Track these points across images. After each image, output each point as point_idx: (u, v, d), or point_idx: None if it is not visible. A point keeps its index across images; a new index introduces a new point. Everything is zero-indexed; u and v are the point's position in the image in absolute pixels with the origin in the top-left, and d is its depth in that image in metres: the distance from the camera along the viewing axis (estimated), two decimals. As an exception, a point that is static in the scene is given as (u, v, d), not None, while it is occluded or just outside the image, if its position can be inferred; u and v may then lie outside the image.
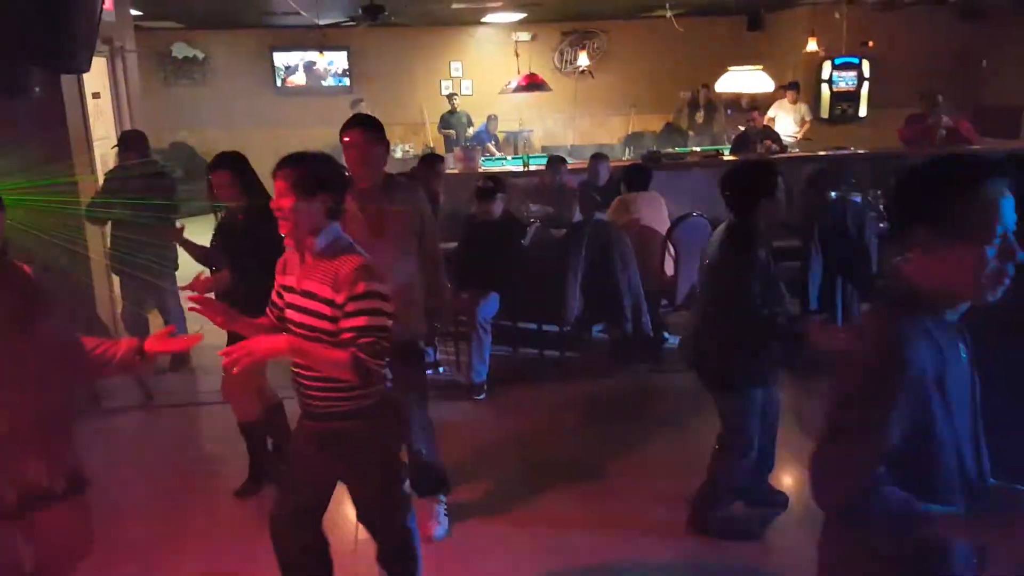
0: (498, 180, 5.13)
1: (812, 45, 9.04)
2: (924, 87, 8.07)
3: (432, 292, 3.37)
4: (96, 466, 2.39)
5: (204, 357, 5.75)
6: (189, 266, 4.18)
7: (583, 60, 10.15)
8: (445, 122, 11.35)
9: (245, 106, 12.15)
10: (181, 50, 12.24)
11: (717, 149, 8.80)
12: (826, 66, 11.43)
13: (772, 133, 8.48)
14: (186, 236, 4.13)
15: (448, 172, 8.77)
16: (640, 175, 5.63)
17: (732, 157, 7.88)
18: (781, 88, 10.01)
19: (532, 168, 7.67)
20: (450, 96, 11.51)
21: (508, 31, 12.52)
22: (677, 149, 9.32)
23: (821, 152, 8.48)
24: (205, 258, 3.91)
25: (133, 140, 5.44)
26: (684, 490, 3.46)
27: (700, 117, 11.56)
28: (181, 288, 3.22)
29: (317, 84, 12.50)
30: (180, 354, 5.40)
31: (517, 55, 11.63)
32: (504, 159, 9.70)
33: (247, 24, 11.99)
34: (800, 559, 2.10)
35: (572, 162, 7.36)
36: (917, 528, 1.45)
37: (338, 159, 2.52)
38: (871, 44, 11.19)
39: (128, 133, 5.69)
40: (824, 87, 11.57)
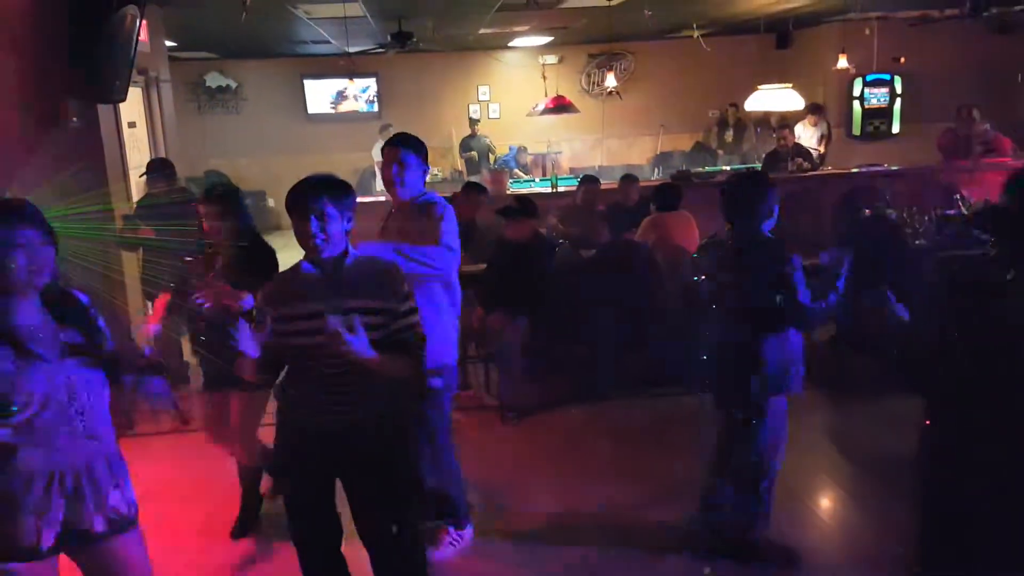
0: (527, 201, 5.12)
1: (843, 62, 8.95)
2: (958, 102, 7.94)
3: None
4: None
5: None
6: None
7: (611, 81, 10.15)
8: (466, 146, 11.42)
9: (276, 133, 12.36)
10: (215, 80, 12.51)
11: (748, 167, 8.72)
12: (857, 83, 11.33)
13: (804, 151, 8.38)
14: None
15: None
16: (670, 194, 5.57)
17: (763, 175, 7.78)
18: (806, 109, 9.92)
19: (561, 189, 7.65)
20: (471, 121, 11.58)
21: (535, 54, 12.61)
22: (707, 168, 9.25)
23: (854, 169, 8.36)
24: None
25: (160, 167, 5.53)
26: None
27: (729, 136, 11.50)
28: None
29: (346, 111, 12.67)
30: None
31: (544, 78, 11.68)
32: (532, 181, 9.71)
33: (278, 53, 12.22)
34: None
35: (601, 182, 7.33)
36: None
37: (366, 181, 2.58)
38: (902, 60, 11.06)
39: (154, 161, 5.79)
40: (855, 104, 11.46)
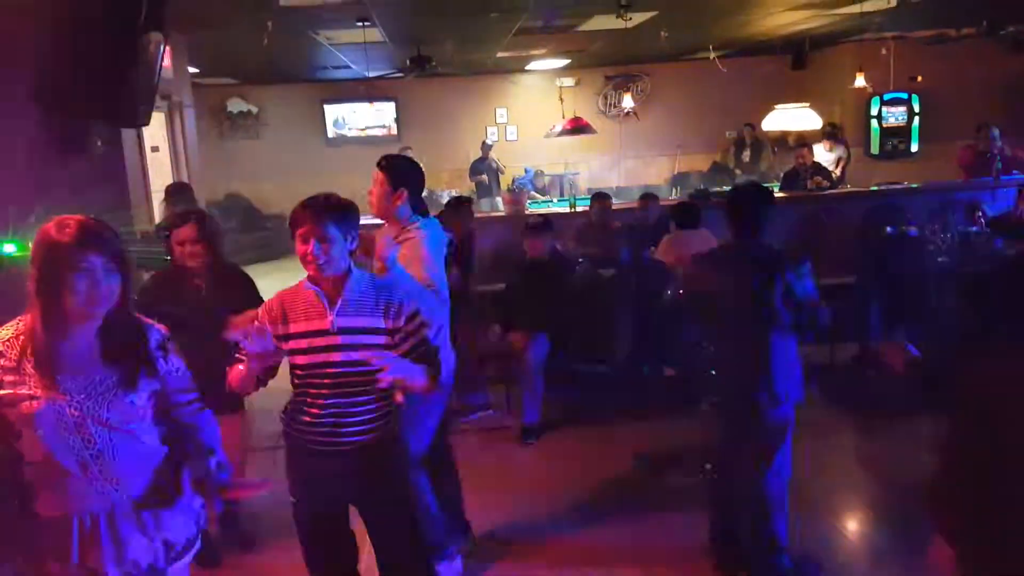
0: (547, 219, 5.13)
1: (860, 81, 8.94)
2: (976, 121, 7.90)
3: None
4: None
5: (258, 401, 5.82)
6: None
7: (628, 102, 10.21)
8: (475, 169, 11.49)
9: (296, 157, 12.50)
10: (236, 105, 12.70)
11: (768, 187, 8.69)
12: (874, 102, 11.31)
13: (823, 169, 8.35)
14: None
15: (495, 215, 8.89)
16: (690, 213, 5.56)
17: (783, 194, 7.77)
18: (822, 132, 9.91)
19: (579, 209, 7.67)
20: (483, 145, 11.66)
21: (552, 77, 12.71)
22: (725, 188, 9.23)
23: (873, 187, 8.32)
24: None
25: (179, 191, 5.62)
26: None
27: (747, 156, 11.49)
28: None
29: (367, 134, 12.82)
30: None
31: (561, 100, 11.76)
32: (550, 201, 9.74)
33: (299, 79, 12.40)
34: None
35: (618, 202, 7.34)
36: None
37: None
38: (919, 79, 11.04)
39: (173, 185, 5.89)
40: (873, 123, 11.43)
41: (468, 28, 8.03)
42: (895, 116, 11.37)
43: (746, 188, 3.41)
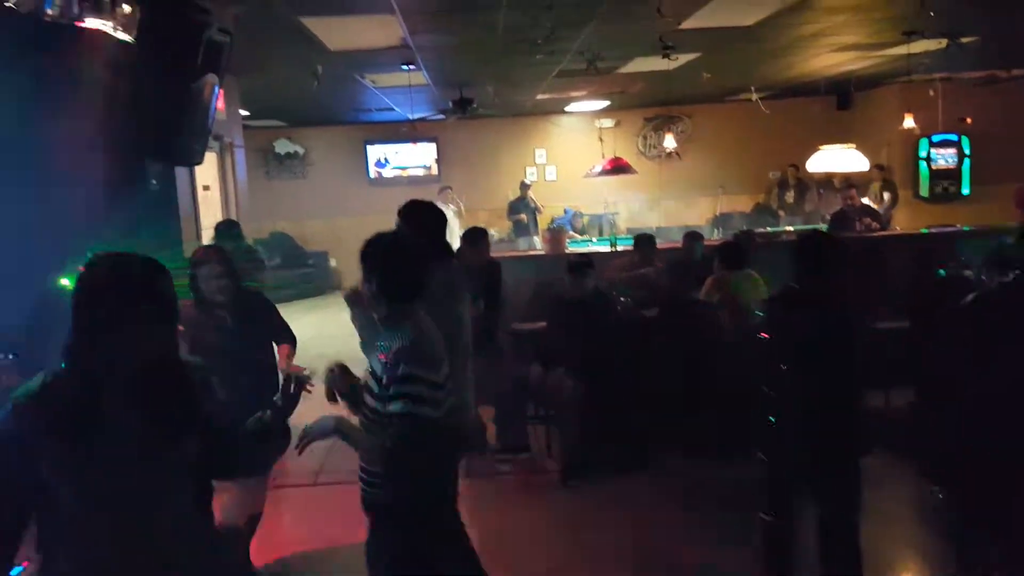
0: (589, 258, 5.10)
1: (909, 122, 8.80)
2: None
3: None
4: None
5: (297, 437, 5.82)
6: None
7: (670, 142, 10.20)
8: (514, 208, 11.56)
9: (339, 197, 12.73)
10: (283, 146, 13.02)
11: (813, 228, 8.57)
12: (923, 143, 11.13)
13: (872, 211, 8.21)
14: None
15: (534, 253, 8.90)
16: (736, 253, 5.48)
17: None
18: (875, 167, 9.77)
19: (620, 248, 7.64)
20: (522, 185, 11.73)
21: (591, 118, 12.80)
22: (769, 229, 9.13)
23: (923, 230, 8.13)
24: None
25: (227, 228, 5.78)
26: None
27: (790, 197, 11.37)
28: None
29: (408, 174, 13.00)
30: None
31: (601, 140, 11.82)
32: (590, 240, 9.72)
33: (343, 120, 12.70)
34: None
35: (659, 242, 7.28)
36: None
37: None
38: (969, 120, 10.85)
39: (222, 223, 6.05)
40: (922, 165, 11.24)
41: (511, 71, 8.14)
42: (944, 158, 11.17)
43: (817, 233, 3.45)
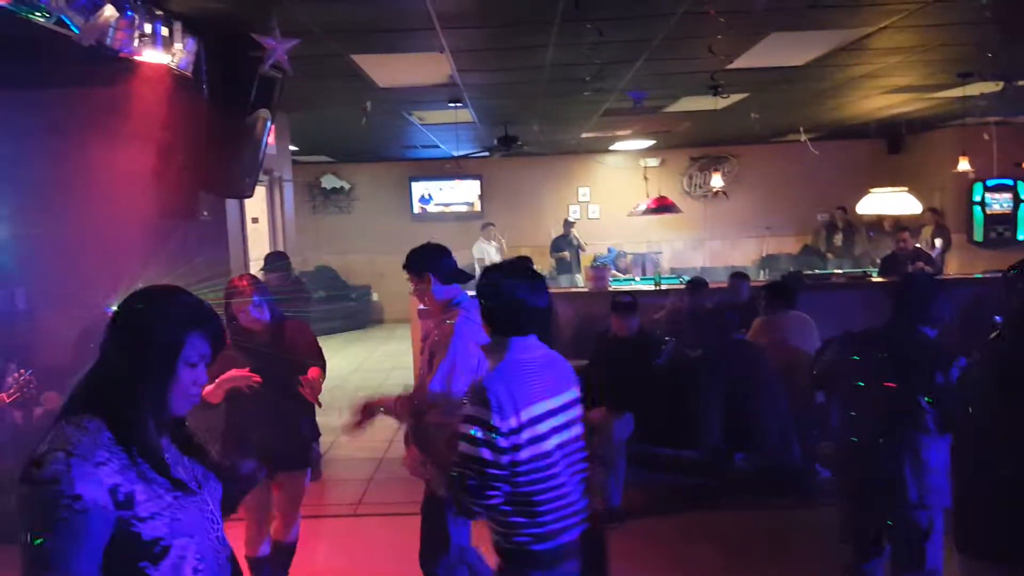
0: (634, 297, 5.03)
1: (964, 165, 8.60)
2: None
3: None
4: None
5: (333, 468, 5.81)
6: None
7: (717, 181, 10.12)
8: (556, 246, 11.55)
9: (383, 232, 12.88)
10: (330, 181, 13.27)
11: (864, 271, 8.38)
12: (977, 188, 10.87)
13: (924, 255, 8.01)
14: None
15: (577, 290, 8.84)
16: (785, 294, 5.36)
17: (881, 279, 7.45)
18: (929, 211, 9.56)
19: (664, 287, 7.54)
20: (565, 223, 11.73)
21: (636, 157, 12.79)
22: (816, 271, 8.96)
23: (977, 275, 7.88)
24: None
25: (276, 260, 5.88)
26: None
27: (839, 240, 11.18)
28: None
29: (451, 210, 13.13)
30: (316, 467, 5.52)
31: (646, 179, 11.79)
32: (633, 279, 9.64)
33: (388, 157, 12.90)
34: None
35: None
36: None
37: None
38: (1024, 165, 10.59)
39: (272, 254, 6.15)
40: (976, 209, 10.97)
41: (557, 109, 8.19)
42: (1000, 203, 10.89)
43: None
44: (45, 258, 5.14)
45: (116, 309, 1.60)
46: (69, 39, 3.28)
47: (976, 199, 10.93)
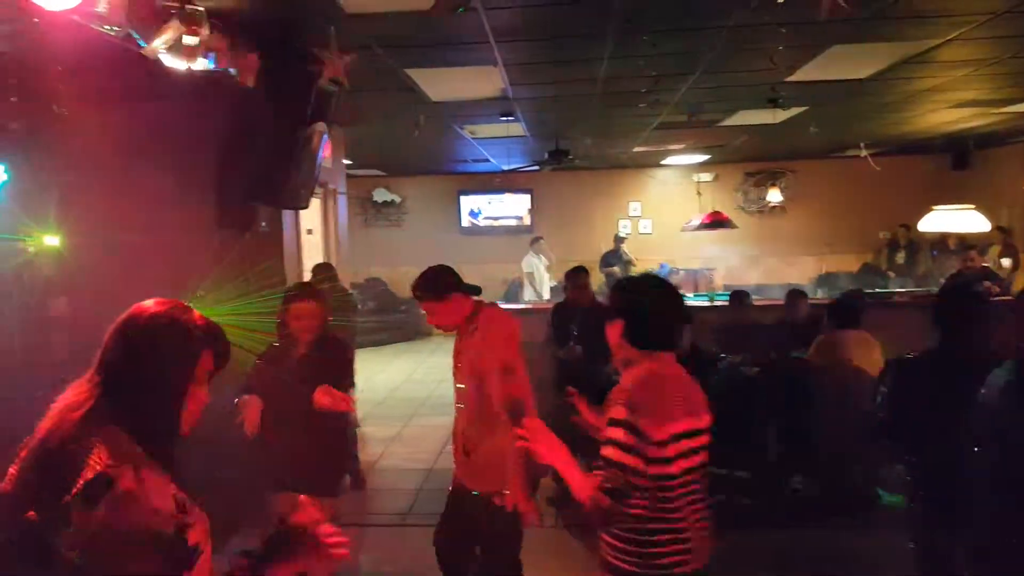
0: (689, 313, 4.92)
1: (1033, 181, 8.28)
2: None
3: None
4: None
5: (381, 478, 5.81)
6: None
7: (774, 196, 9.91)
8: (607, 261, 11.46)
9: (433, 245, 12.93)
10: (381, 194, 13.43)
11: (928, 290, 8.10)
12: (1047, 204, 10.44)
13: (992, 274, 7.70)
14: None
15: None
16: (849, 312, 5.17)
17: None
18: (997, 229, 9.19)
19: (718, 303, 7.40)
20: (616, 238, 11.63)
21: (689, 172, 12.64)
22: (877, 290, 8.69)
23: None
24: None
25: (323, 271, 5.95)
26: None
27: (901, 257, 10.84)
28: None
29: (500, 224, 13.15)
30: (359, 476, 5.54)
31: (699, 194, 11.63)
32: (686, 296, 9.48)
33: (439, 171, 13.00)
34: None
35: (756, 298, 7.04)
36: None
37: (514, 290, 2.56)
38: (1098, 182, 10.13)
39: (319, 265, 6.22)
40: (1047, 226, 10.52)
41: (610, 122, 8.13)
42: (1071, 221, 10.43)
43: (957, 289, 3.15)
44: (105, 268, 5.28)
45: (125, 322, 1.55)
46: (136, 52, 3.37)
47: (1047, 217, 10.49)
